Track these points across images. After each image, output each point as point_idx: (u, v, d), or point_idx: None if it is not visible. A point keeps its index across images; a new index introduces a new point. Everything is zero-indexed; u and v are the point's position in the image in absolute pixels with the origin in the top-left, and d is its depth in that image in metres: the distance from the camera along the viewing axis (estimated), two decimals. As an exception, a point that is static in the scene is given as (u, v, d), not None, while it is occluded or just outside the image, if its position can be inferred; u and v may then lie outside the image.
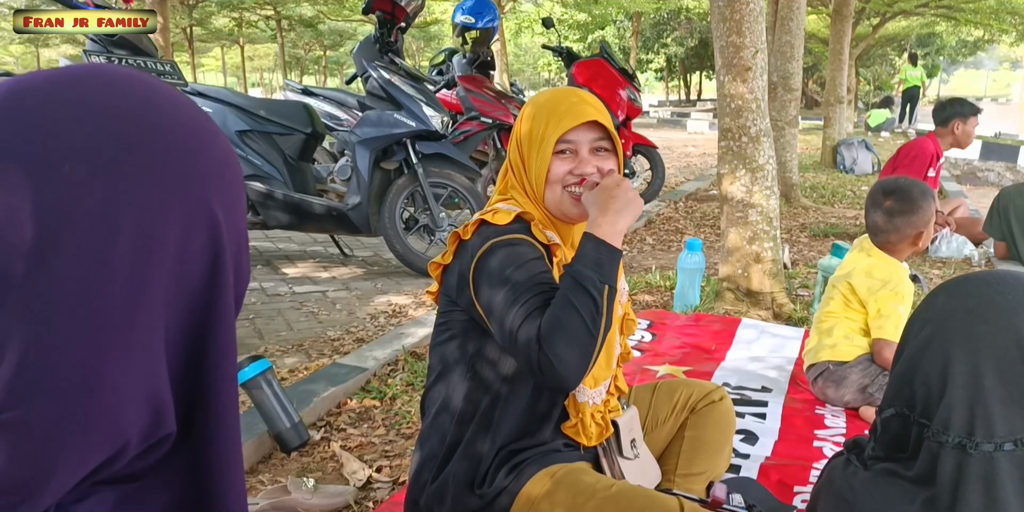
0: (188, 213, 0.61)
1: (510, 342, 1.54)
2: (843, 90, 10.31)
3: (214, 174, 0.63)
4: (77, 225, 0.55)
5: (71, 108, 0.58)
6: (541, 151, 1.69)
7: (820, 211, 7.01)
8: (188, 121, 0.63)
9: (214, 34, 28.78)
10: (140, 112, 0.60)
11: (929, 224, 2.74)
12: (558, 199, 1.71)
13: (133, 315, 0.57)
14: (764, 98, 3.87)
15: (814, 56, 21.66)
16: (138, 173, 0.58)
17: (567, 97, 1.74)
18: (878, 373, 2.72)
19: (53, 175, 0.55)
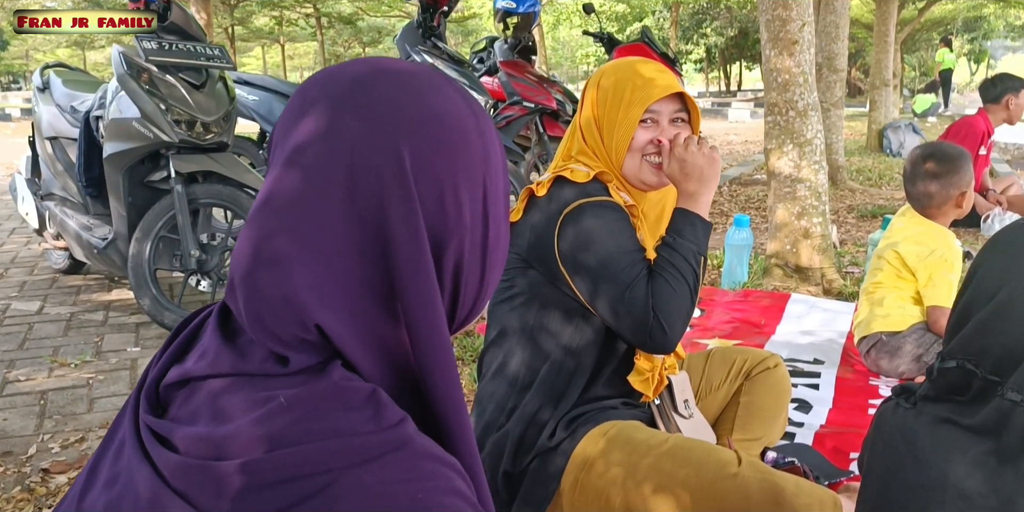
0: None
1: (617, 307, 1.60)
2: (889, 73, 10.13)
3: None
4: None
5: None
6: (626, 120, 1.69)
7: (867, 193, 6.90)
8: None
9: (255, 33, 29.04)
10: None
11: (971, 185, 2.70)
12: (637, 167, 1.72)
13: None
14: (811, 72, 3.82)
15: (857, 42, 21.33)
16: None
17: (649, 67, 1.74)
18: (933, 342, 2.68)
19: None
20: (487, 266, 0.70)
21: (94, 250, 3.78)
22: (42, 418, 2.75)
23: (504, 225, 0.73)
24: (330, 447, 0.57)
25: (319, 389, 0.60)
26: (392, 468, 0.58)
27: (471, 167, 0.67)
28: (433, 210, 0.64)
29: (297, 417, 0.59)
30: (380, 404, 0.61)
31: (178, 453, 0.60)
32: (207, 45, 3.71)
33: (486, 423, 1.77)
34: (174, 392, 0.66)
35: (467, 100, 0.70)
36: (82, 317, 3.88)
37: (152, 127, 3.45)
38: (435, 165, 0.65)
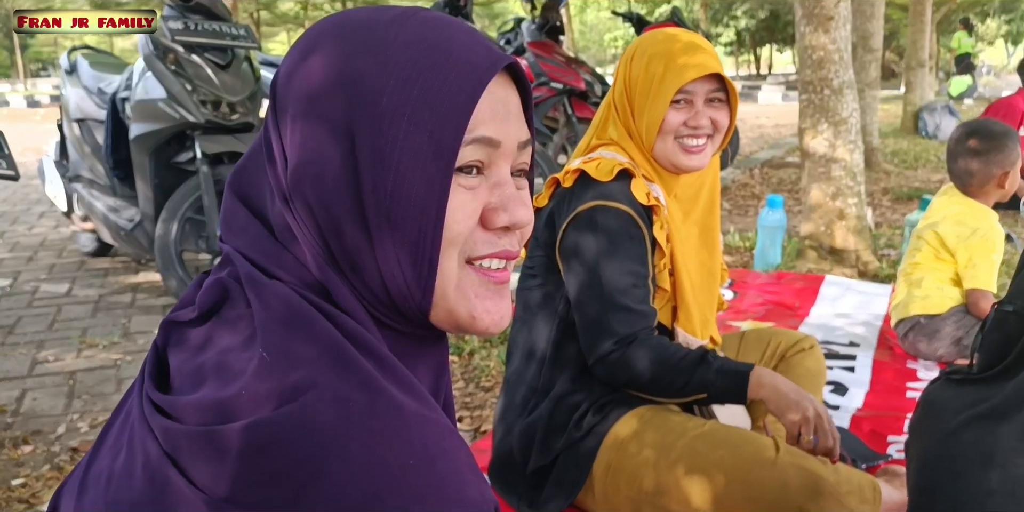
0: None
1: (589, 324, 1.59)
2: (925, 54, 9.94)
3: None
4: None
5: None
6: (658, 100, 1.61)
7: (903, 175, 6.78)
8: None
9: (280, 18, 29.10)
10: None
11: (1016, 164, 2.61)
12: (669, 150, 1.64)
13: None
14: (847, 49, 3.73)
15: (892, 24, 20.96)
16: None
17: (686, 43, 1.64)
18: (973, 324, 2.61)
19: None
20: (370, 223, 0.62)
21: (121, 232, 3.79)
22: (71, 398, 2.75)
23: (421, 185, 0.62)
24: (319, 408, 0.55)
25: (308, 349, 0.59)
26: (381, 432, 0.55)
27: (334, 105, 0.62)
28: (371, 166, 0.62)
29: (286, 375, 0.57)
30: (368, 366, 0.59)
31: (180, 422, 0.58)
32: (232, 25, 3.69)
33: (517, 405, 1.74)
34: (171, 342, 0.65)
35: (388, 41, 0.63)
36: (110, 299, 3.90)
37: (178, 107, 3.44)
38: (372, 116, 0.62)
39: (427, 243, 0.62)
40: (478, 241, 0.66)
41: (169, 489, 0.56)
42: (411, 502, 0.54)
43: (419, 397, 0.61)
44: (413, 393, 0.60)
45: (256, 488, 0.53)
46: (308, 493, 0.53)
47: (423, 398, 0.61)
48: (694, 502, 1.54)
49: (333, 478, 0.53)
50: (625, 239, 1.58)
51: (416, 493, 0.54)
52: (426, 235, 0.62)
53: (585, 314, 1.60)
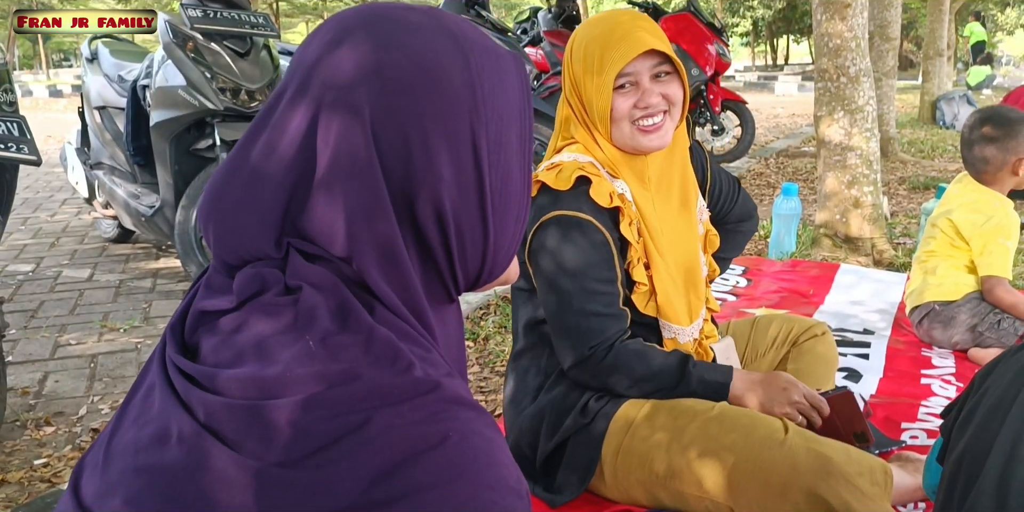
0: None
1: (559, 329, 1.62)
2: (943, 43, 9.86)
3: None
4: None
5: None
6: (601, 89, 1.58)
7: (919, 165, 6.75)
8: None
9: (299, 8, 29.13)
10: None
11: None
12: (627, 135, 1.61)
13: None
14: (864, 36, 3.72)
15: (911, 13, 20.77)
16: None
17: (617, 24, 1.60)
18: (988, 312, 2.61)
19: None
20: (488, 218, 0.69)
21: (142, 218, 3.83)
22: (92, 380, 2.80)
23: (518, 176, 0.72)
24: (363, 390, 0.59)
25: (351, 338, 0.62)
26: (421, 410, 0.59)
27: (448, 113, 0.65)
28: (398, 157, 0.64)
29: (330, 361, 0.60)
30: (409, 352, 0.62)
31: (220, 395, 0.60)
32: (251, 13, 3.72)
33: (528, 388, 1.76)
34: (200, 330, 0.66)
35: (457, 42, 0.68)
36: (131, 284, 3.94)
37: (198, 95, 3.47)
38: (398, 110, 0.64)
39: (521, 224, 0.74)
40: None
41: (207, 458, 0.58)
42: (447, 471, 0.57)
43: (457, 380, 0.64)
44: (451, 376, 0.64)
45: (306, 455, 0.56)
46: (353, 458, 0.56)
47: (461, 382, 0.65)
48: (706, 484, 1.56)
49: (376, 447, 0.56)
50: (587, 247, 1.58)
51: (453, 465, 0.57)
52: (521, 219, 0.73)
53: (555, 323, 1.63)
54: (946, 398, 2.33)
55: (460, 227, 0.67)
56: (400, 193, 0.65)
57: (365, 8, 0.70)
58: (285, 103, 0.67)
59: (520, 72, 0.73)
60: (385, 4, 0.71)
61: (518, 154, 0.72)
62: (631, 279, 1.65)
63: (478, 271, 0.72)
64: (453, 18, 0.72)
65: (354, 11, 0.70)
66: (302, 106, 0.66)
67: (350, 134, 0.64)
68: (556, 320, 1.63)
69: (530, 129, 0.74)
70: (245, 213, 0.66)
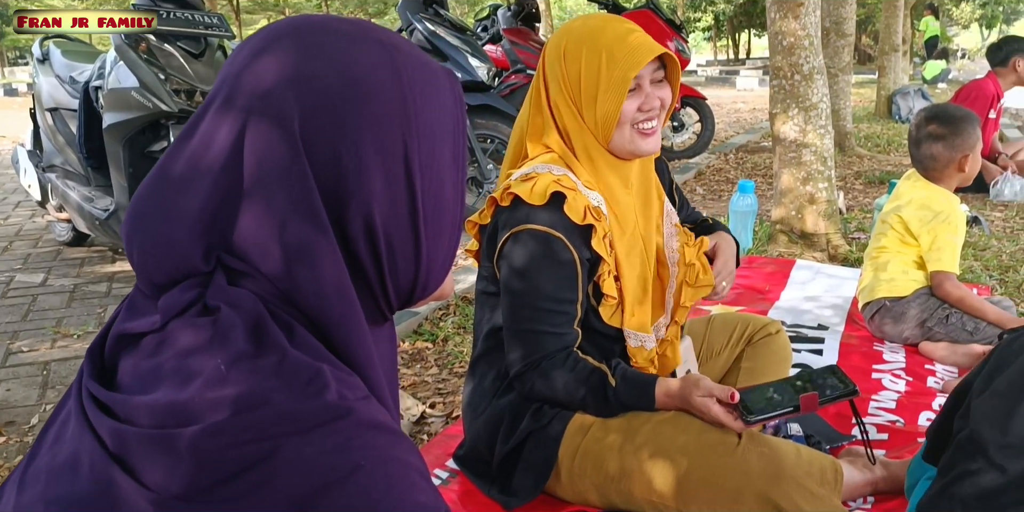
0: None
1: (513, 338, 1.64)
2: (898, 38, 9.98)
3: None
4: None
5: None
6: (611, 93, 1.57)
7: (875, 159, 6.84)
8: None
9: (260, 5, 28.86)
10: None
11: (976, 148, 2.66)
12: (627, 139, 1.62)
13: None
14: (817, 34, 3.76)
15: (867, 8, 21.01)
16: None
17: (617, 29, 1.61)
18: (937, 306, 2.66)
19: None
20: (421, 233, 0.68)
21: (96, 221, 3.78)
22: (45, 388, 2.76)
23: (451, 191, 0.72)
24: (272, 416, 0.58)
25: (264, 361, 0.61)
26: (332, 437, 0.58)
27: (380, 125, 0.65)
28: (328, 170, 0.64)
29: (241, 385, 0.59)
30: (323, 376, 0.61)
31: (130, 424, 0.59)
32: (205, 13, 3.68)
33: (485, 390, 1.76)
34: (120, 352, 0.65)
35: (389, 55, 0.67)
36: (85, 288, 3.89)
37: (151, 97, 3.43)
38: (329, 121, 0.64)
39: (455, 240, 0.72)
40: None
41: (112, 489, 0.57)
42: (361, 503, 0.56)
43: (374, 404, 0.63)
44: (368, 400, 0.63)
45: (210, 486, 0.55)
46: (260, 491, 0.55)
47: (378, 406, 0.64)
48: (657, 486, 1.57)
49: (285, 479, 0.55)
50: (552, 264, 1.58)
51: (367, 495, 0.56)
52: (454, 235, 0.73)
53: (505, 333, 1.65)
54: (896, 392, 2.38)
55: (391, 242, 0.67)
56: (330, 206, 0.64)
57: (296, 18, 0.70)
58: (212, 113, 0.66)
59: (454, 87, 0.73)
60: (317, 15, 0.70)
61: (451, 169, 0.71)
62: (600, 291, 1.65)
63: (410, 287, 0.71)
64: (385, 31, 0.71)
65: (285, 21, 0.70)
66: (229, 116, 0.65)
67: (279, 144, 0.63)
68: (506, 331, 1.65)
69: (463, 144, 0.74)
70: (170, 225, 0.65)
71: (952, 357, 2.61)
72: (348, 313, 0.65)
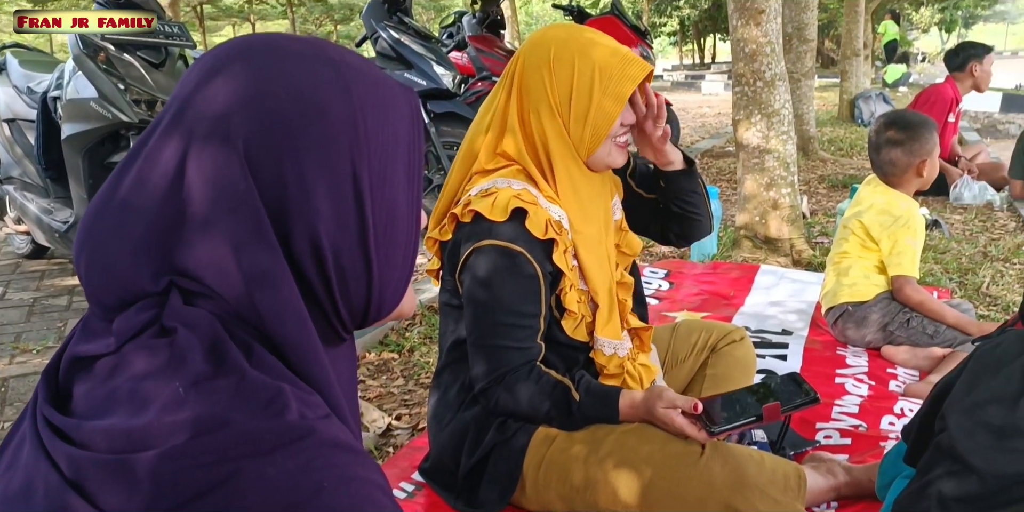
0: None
1: (472, 359, 1.63)
2: (859, 43, 10.12)
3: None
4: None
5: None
6: (610, 107, 1.59)
7: (838, 163, 6.92)
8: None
9: (224, 11, 28.64)
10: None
11: (933, 153, 2.70)
12: (606, 153, 1.64)
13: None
14: (778, 42, 3.80)
15: (830, 13, 21.28)
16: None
17: (611, 42, 1.62)
18: (898, 311, 2.69)
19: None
20: (372, 254, 0.68)
21: (56, 234, 3.73)
22: (3, 405, 2.71)
23: (405, 211, 0.71)
24: (233, 438, 0.57)
25: (223, 382, 0.60)
26: (294, 457, 0.57)
27: (327, 146, 0.65)
28: (274, 191, 0.64)
29: (200, 407, 0.58)
30: (283, 395, 0.61)
31: (86, 449, 0.58)
32: (165, 22, 3.64)
33: (450, 402, 1.76)
34: (74, 376, 0.64)
35: (339, 74, 0.67)
36: (45, 302, 3.83)
37: (110, 107, 3.39)
38: (274, 141, 0.63)
39: (411, 260, 0.73)
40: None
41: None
42: None
43: (335, 423, 0.63)
44: (329, 419, 0.63)
45: (174, 507, 0.54)
46: None
47: (339, 424, 0.64)
48: (621, 496, 1.57)
49: (248, 501, 0.55)
50: (514, 278, 1.58)
51: None
52: (409, 255, 0.72)
53: (470, 348, 1.64)
54: (859, 396, 2.40)
55: (340, 263, 0.66)
56: (277, 226, 0.63)
57: (247, 39, 0.69)
58: (158, 134, 0.65)
59: (410, 105, 0.73)
60: (268, 34, 0.70)
61: (404, 189, 0.71)
62: (562, 306, 1.65)
63: (364, 308, 0.71)
64: (338, 50, 0.71)
65: (235, 41, 0.69)
66: (175, 137, 0.64)
67: (224, 165, 0.62)
68: (470, 346, 1.64)
69: (419, 163, 0.73)
70: (116, 247, 0.64)
71: (913, 360, 2.64)
72: (304, 335, 0.65)
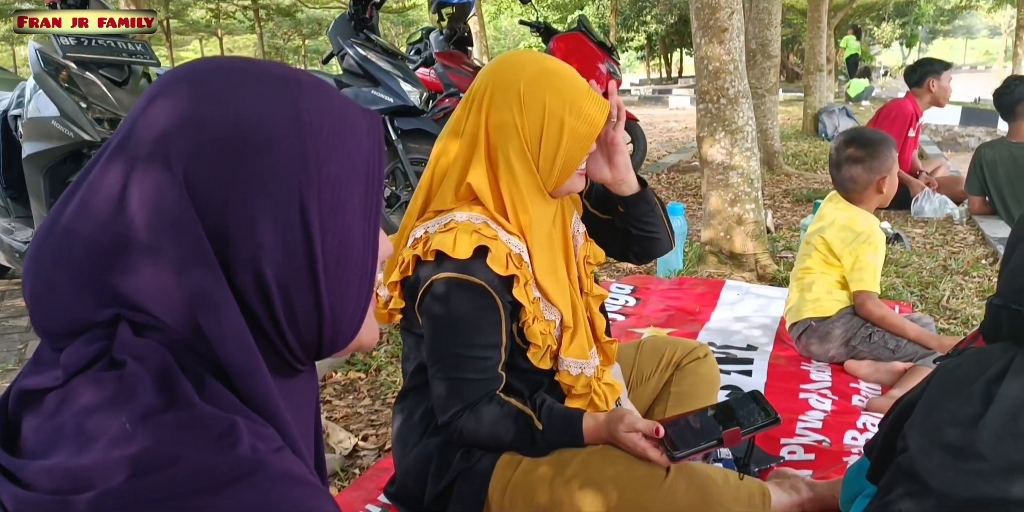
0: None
1: (435, 392, 1.61)
2: (823, 59, 10.28)
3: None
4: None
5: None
6: (580, 146, 1.60)
7: (803, 177, 7.01)
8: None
9: (191, 26, 28.51)
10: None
11: (892, 170, 2.75)
12: (570, 181, 1.65)
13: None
14: (741, 59, 3.85)
15: (794, 28, 21.58)
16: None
17: (574, 76, 1.63)
18: (860, 326, 2.73)
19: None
20: (321, 286, 0.66)
21: (16, 254, 3.68)
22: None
23: (360, 241, 0.69)
24: (182, 474, 0.56)
25: (172, 416, 0.59)
26: (247, 493, 0.56)
27: (273, 176, 0.63)
28: (215, 219, 0.62)
29: (148, 443, 0.57)
30: (235, 429, 0.60)
31: (31, 490, 0.57)
32: (129, 40, 3.62)
33: (414, 423, 1.75)
34: (23, 409, 0.63)
35: (293, 100, 0.65)
36: (6, 323, 3.77)
37: (72, 126, 3.36)
38: (216, 171, 0.62)
39: (367, 290, 0.70)
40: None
41: None
42: None
43: (288, 456, 0.62)
44: (282, 451, 0.62)
45: None
46: None
47: (292, 457, 0.63)
48: (585, 517, 1.58)
49: None
50: (475, 310, 1.57)
51: None
52: (365, 285, 0.70)
53: (432, 381, 1.63)
54: (822, 411, 2.42)
55: (288, 294, 0.65)
56: (220, 256, 0.62)
57: (198, 62, 0.68)
58: (103, 160, 0.64)
59: (371, 129, 0.71)
60: (224, 58, 0.68)
61: (360, 217, 0.69)
62: (525, 338, 1.65)
63: (317, 341, 0.69)
64: (298, 75, 0.69)
65: (189, 64, 0.68)
66: (119, 162, 0.63)
67: (166, 190, 0.61)
68: (431, 378, 1.63)
69: (378, 188, 0.71)
70: (58, 275, 0.63)
71: (875, 375, 2.67)
72: (250, 362, 0.64)
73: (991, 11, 24.16)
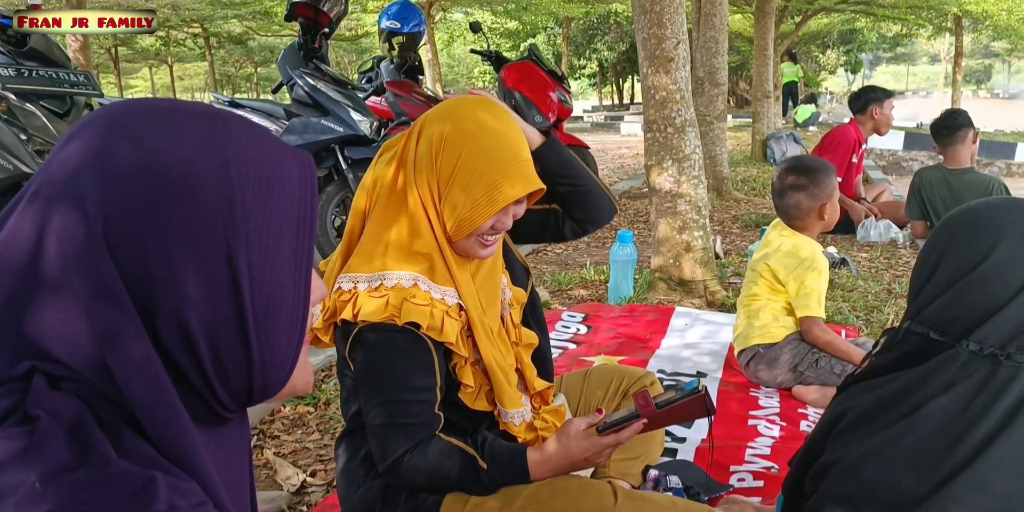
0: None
1: (372, 439, 1.58)
2: (770, 85, 10.50)
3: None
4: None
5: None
6: (485, 208, 1.53)
7: (751, 203, 7.11)
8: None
9: (140, 53, 28.28)
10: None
11: (832, 197, 2.80)
12: (468, 244, 1.59)
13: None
14: (688, 88, 3.91)
15: (742, 55, 22.02)
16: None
17: (504, 140, 1.55)
18: (807, 351, 2.76)
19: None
20: (251, 335, 0.65)
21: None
22: None
23: (291, 290, 0.68)
24: None
25: (84, 474, 0.57)
26: None
27: (197, 228, 0.62)
28: (137, 269, 0.61)
29: (58, 503, 0.55)
30: (152, 485, 0.58)
31: None
32: (71, 71, 3.58)
33: (359, 459, 1.73)
34: None
35: (219, 149, 0.64)
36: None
37: (11, 158, 3.30)
38: (136, 221, 0.60)
39: (298, 337, 0.69)
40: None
41: None
42: None
43: (209, 510, 0.61)
44: (203, 506, 0.61)
45: None
46: None
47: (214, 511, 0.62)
48: (535, 552, 1.56)
49: None
50: (406, 354, 1.54)
51: None
52: (296, 332, 0.69)
53: (368, 429, 1.60)
54: (771, 437, 2.44)
55: (215, 345, 0.64)
56: (141, 309, 0.61)
57: (117, 104, 0.66)
58: (22, 204, 0.62)
59: (304, 175, 0.69)
60: (143, 101, 0.67)
61: (291, 265, 0.68)
62: (458, 381, 1.63)
63: (246, 388, 0.68)
64: (224, 117, 0.67)
65: (112, 105, 0.66)
66: (34, 206, 0.61)
67: (76, 229, 0.60)
68: (368, 426, 1.59)
69: (310, 234, 0.70)
70: None
71: (823, 400, 2.70)
72: (159, 396, 0.62)
73: (931, 39, 24.87)
